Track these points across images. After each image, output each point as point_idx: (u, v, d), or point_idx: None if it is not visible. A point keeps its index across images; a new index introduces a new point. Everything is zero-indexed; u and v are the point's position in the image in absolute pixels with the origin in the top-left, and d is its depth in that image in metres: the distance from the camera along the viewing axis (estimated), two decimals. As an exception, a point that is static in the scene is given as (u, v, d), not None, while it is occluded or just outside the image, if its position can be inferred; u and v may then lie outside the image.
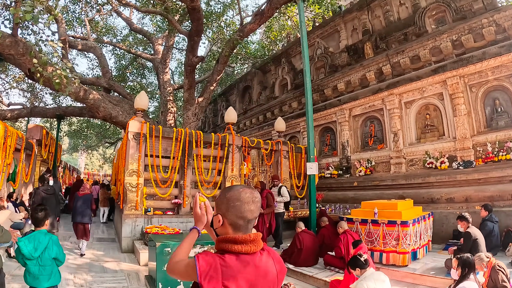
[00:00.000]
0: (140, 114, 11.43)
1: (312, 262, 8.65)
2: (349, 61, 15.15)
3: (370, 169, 13.61)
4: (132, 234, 10.43)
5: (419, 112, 12.66)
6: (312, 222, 10.55)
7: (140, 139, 10.98)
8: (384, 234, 8.13)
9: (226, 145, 12.59)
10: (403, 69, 12.86)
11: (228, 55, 15.97)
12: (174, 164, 11.63)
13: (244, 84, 22.82)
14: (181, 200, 11.55)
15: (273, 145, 14.15)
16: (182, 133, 11.81)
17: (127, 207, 10.55)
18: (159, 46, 20.53)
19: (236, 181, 12.63)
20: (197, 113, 16.31)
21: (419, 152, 12.16)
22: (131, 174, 10.72)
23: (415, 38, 12.57)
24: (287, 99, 18.06)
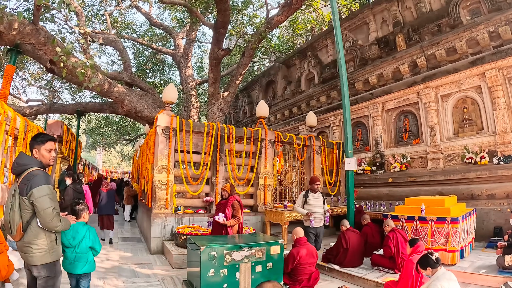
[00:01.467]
0: (169, 107, 10.45)
1: (358, 262, 7.90)
2: (380, 54, 14.19)
3: (406, 165, 12.72)
4: (161, 234, 9.50)
5: (456, 105, 11.84)
6: (350, 220, 9.58)
7: (169, 133, 10.00)
8: (432, 232, 7.60)
9: (258, 140, 11.70)
10: (439, 61, 12.08)
11: (254, 48, 15.04)
12: (205, 160, 10.67)
13: (267, 79, 21.78)
14: (213, 197, 10.58)
15: (305, 140, 13.15)
16: (213, 127, 10.84)
17: (156, 206, 9.60)
18: (180, 40, 19.57)
19: (269, 177, 11.72)
20: (223, 108, 15.34)
21: (457, 147, 11.40)
22: (160, 170, 9.74)
23: (449, 29, 11.78)
24: (315, 93, 17.12)
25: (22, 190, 3.39)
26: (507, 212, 9.11)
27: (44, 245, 3.53)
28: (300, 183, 13.17)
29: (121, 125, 29.82)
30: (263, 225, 11.10)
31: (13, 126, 8.81)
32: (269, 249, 5.90)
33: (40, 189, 3.39)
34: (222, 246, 5.54)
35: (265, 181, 11.63)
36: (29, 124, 9.98)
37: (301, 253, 6.39)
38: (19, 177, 3.49)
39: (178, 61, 18.60)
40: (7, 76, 11.18)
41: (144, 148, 12.81)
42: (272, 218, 10.45)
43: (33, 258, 3.49)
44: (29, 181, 3.39)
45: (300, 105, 18.04)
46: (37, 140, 3.68)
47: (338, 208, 11.75)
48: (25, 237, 3.45)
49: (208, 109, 15.50)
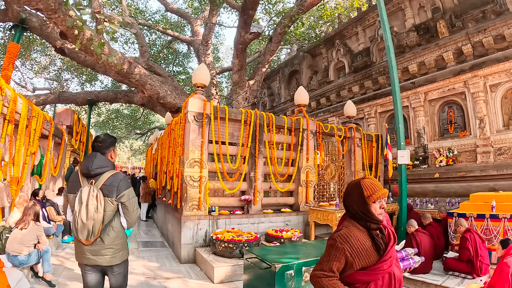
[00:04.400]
0: (201, 91, 8.30)
1: (429, 267, 6.65)
2: (419, 41, 12.47)
3: (452, 159, 11.07)
4: (193, 240, 7.45)
5: (505, 96, 10.48)
6: (403, 219, 8.41)
7: (202, 120, 7.90)
8: (505, 230, 6.65)
9: (300, 130, 9.71)
10: (486, 49, 10.67)
11: (284, 32, 12.93)
12: (243, 153, 8.59)
13: (290, 69, 19.50)
14: (251, 196, 8.49)
15: (346, 131, 11.18)
16: (251, 115, 8.75)
17: (188, 207, 7.51)
18: (198, 27, 17.36)
19: (311, 172, 9.74)
20: (248, 97, 13.40)
21: (509, 140, 10.02)
22: (192, 165, 7.65)
23: (495, 16, 10.46)
24: (346, 83, 15.16)
25: (109, 191, 3.28)
26: None
27: (123, 243, 3.51)
28: (340, 179, 11.14)
29: (132, 118, 27.39)
30: (306, 226, 9.12)
31: (12, 109, 6.51)
32: None
33: (131, 191, 3.42)
34: (299, 262, 4.22)
35: (307, 176, 9.64)
36: (34, 108, 7.77)
37: None
38: (96, 178, 3.31)
39: (197, 48, 16.38)
40: (9, 56, 9.05)
41: (165, 139, 10.70)
42: (318, 218, 8.51)
43: (115, 258, 3.41)
44: (117, 183, 3.34)
45: (329, 95, 16.08)
46: (112, 141, 3.62)
47: (389, 206, 9.81)
48: (106, 239, 3.31)
49: (232, 98, 13.40)
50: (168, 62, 21.31)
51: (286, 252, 4.86)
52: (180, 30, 20.66)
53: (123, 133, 31.16)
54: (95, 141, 3.51)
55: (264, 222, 8.44)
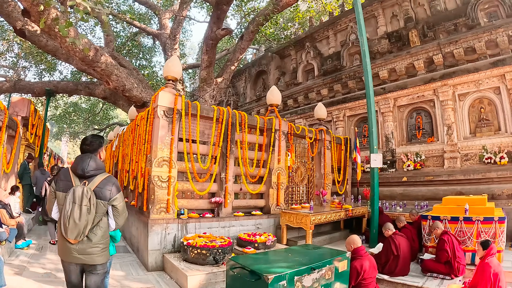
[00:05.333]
0: (172, 85, 7.54)
1: (407, 269, 6.56)
2: (390, 49, 12.63)
3: (420, 163, 11.26)
4: (162, 245, 6.66)
5: (472, 105, 10.85)
6: (375, 222, 8.32)
7: (173, 116, 7.14)
8: (479, 232, 6.81)
9: (272, 131, 9.16)
10: (457, 60, 11.03)
11: (256, 30, 12.44)
12: (214, 152, 7.91)
13: (257, 69, 18.91)
14: (222, 198, 7.84)
15: (316, 133, 10.76)
16: (224, 112, 8.10)
17: (155, 209, 6.71)
18: (167, 20, 16.32)
19: (282, 174, 9.25)
20: (215, 95, 12.68)
21: (475, 146, 10.41)
22: (160, 164, 6.86)
23: (466, 30, 10.96)
24: (315, 85, 14.87)
25: (101, 194, 3.30)
26: None
27: (107, 243, 3.51)
28: (310, 181, 10.74)
29: (91, 113, 25.76)
30: (277, 230, 8.60)
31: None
32: (338, 266, 4.48)
33: (121, 194, 3.48)
34: (292, 271, 3.80)
35: (279, 178, 9.14)
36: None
37: (364, 266, 4.90)
38: (89, 180, 3.32)
39: (164, 42, 15.37)
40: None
41: (127, 136, 9.82)
42: (291, 221, 8.05)
43: (101, 257, 3.39)
44: (110, 186, 3.38)
45: (296, 97, 15.74)
46: (101, 142, 3.59)
47: (358, 209, 9.63)
48: (93, 238, 3.30)
49: (199, 95, 12.67)
50: (133, 55, 20.13)
51: (273, 260, 4.40)
52: (147, 23, 19.59)
53: (80, 129, 29.43)
54: (84, 144, 3.51)
55: (235, 226, 7.82)
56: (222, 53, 21.09)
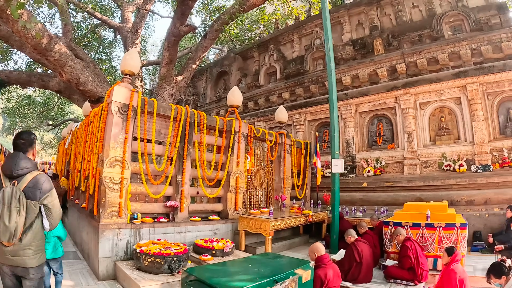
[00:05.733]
0: (128, 80, 6.99)
1: (370, 276, 6.44)
2: (354, 55, 12.88)
3: (380, 169, 11.45)
4: (113, 252, 6.05)
5: (433, 114, 11.21)
6: (336, 228, 8.35)
7: (128, 113, 6.58)
8: (440, 238, 6.81)
9: (231, 132, 8.77)
10: (420, 69, 11.45)
11: (220, 29, 12.09)
12: (170, 153, 7.42)
13: (219, 70, 18.57)
14: (178, 202, 7.34)
15: (277, 137, 10.46)
16: (182, 111, 7.60)
17: (106, 213, 6.12)
18: (129, 13, 15.55)
19: (241, 178, 8.86)
20: (175, 94, 12.17)
21: (435, 154, 10.78)
22: (112, 164, 6.28)
23: (430, 41, 11.43)
24: (276, 88, 14.72)
25: (31, 194, 3.11)
26: (485, 217, 9.12)
27: (41, 245, 3.30)
28: (269, 185, 10.41)
29: (45, 107, 24.19)
30: (235, 235, 8.21)
31: None
32: (301, 277, 4.15)
33: (53, 193, 3.29)
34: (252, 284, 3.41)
35: (237, 182, 8.76)
36: None
37: (328, 275, 4.71)
38: (18, 179, 3.12)
39: (125, 36, 14.59)
40: None
41: (80, 133, 9.17)
42: (250, 227, 7.74)
43: (33, 260, 3.19)
44: (40, 185, 3.17)
45: (257, 100, 15.49)
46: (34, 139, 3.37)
47: (318, 214, 9.46)
48: (24, 239, 3.11)
49: (157, 93, 12.10)
50: (92, 48, 19.08)
51: (233, 272, 4.02)
52: (109, 15, 18.58)
53: (34, 123, 27.66)
54: (18, 138, 3.33)
55: (191, 231, 7.33)
56: (184, 51, 20.44)
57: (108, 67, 19.80)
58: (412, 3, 12.69)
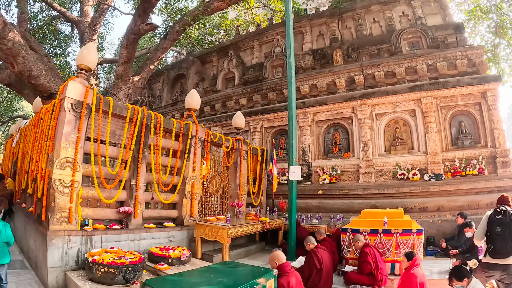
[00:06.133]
0: (84, 75, 6.57)
1: (331, 282, 6.49)
2: (313, 65, 13.19)
3: (336, 177, 11.59)
4: (63, 262, 5.54)
5: (388, 125, 11.63)
6: (293, 235, 8.29)
7: (82, 111, 6.16)
8: (397, 244, 7.03)
9: (188, 137, 8.52)
10: (377, 82, 11.88)
11: (182, 31, 11.82)
12: (125, 156, 7.00)
13: (177, 72, 18.02)
14: (132, 207, 6.92)
15: (233, 143, 10.31)
16: (139, 112, 7.24)
17: (55, 219, 5.62)
18: (89, 8, 14.81)
19: (197, 183, 8.60)
20: (130, 95, 11.71)
21: (389, 163, 11.15)
22: (63, 165, 5.82)
23: (388, 55, 12.02)
24: (234, 94, 14.53)
25: None
26: (438, 223, 9.49)
27: None
28: (224, 192, 10.21)
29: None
30: (191, 243, 7.92)
31: None
32: (265, 286, 4.08)
33: None
34: None
35: (193, 187, 8.47)
36: None
37: (291, 283, 4.61)
38: None
39: (82, 30, 13.85)
40: None
41: (29, 131, 8.48)
42: (206, 234, 7.52)
43: None
44: None
45: (214, 104, 15.21)
46: None
47: (275, 221, 9.40)
48: None
49: (113, 92, 11.56)
50: (47, 41, 18.07)
51: (195, 283, 3.82)
52: (68, 7, 17.72)
53: (-21, 119, 25.63)
54: None
55: (146, 239, 6.96)
56: (142, 51, 19.80)
57: (62, 62, 18.76)
58: (373, 18, 13.21)
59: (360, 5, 13.29)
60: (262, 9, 18.53)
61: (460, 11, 13.51)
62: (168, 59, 23.32)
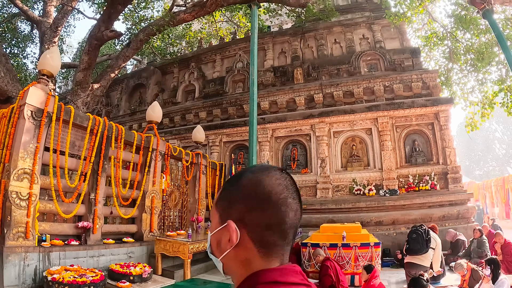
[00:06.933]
0: (46, 81, 6.28)
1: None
2: (274, 82, 13.46)
3: None
4: (20, 280, 5.21)
5: (345, 142, 12.03)
6: None
7: (42, 120, 5.90)
8: (356, 257, 7.27)
9: (149, 150, 8.36)
10: (335, 100, 12.30)
11: (146, 40, 11.64)
12: (84, 168, 6.74)
13: (136, 81, 17.58)
14: (91, 222, 6.65)
15: (193, 157, 10.18)
16: (100, 123, 7.06)
17: (12, 234, 5.29)
18: (52, 8, 13.99)
19: (157, 197, 8.44)
20: (89, 103, 11.30)
21: (346, 179, 11.49)
22: (20, 177, 5.52)
23: (347, 75, 12.50)
24: (194, 107, 14.38)
25: None
26: (393, 236, 9.92)
27: None
28: (183, 206, 10.02)
29: None
30: (150, 258, 7.69)
31: None
32: None
33: None
34: None
35: (153, 202, 8.30)
36: None
37: None
38: None
39: (43, 31, 13.02)
40: None
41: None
42: (167, 250, 7.36)
43: None
44: None
45: (173, 117, 14.94)
46: None
47: None
48: None
49: (71, 99, 11.11)
50: (4, 39, 16.98)
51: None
52: (30, 5, 16.64)
53: None
54: None
55: (105, 255, 6.68)
56: (103, 58, 19.12)
57: (19, 63, 17.77)
58: (334, 39, 13.70)
59: (322, 26, 13.77)
60: (226, 23, 18.60)
61: (417, 37, 14.31)
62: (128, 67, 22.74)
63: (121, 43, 16.33)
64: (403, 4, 12.41)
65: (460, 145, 44.71)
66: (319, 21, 13.72)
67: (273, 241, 0.88)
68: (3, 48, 15.64)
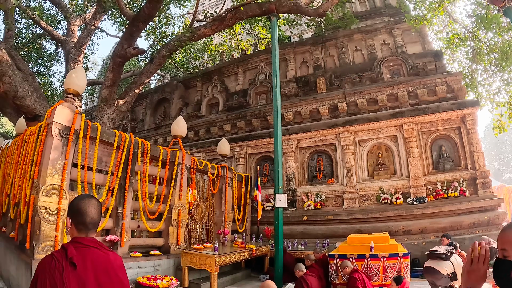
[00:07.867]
0: (72, 100, 6.47)
1: None
2: (297, 92, 13.47)
3: (320, 203, 11.58)
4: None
5: (371, 150, 11.86)
6: (280, 261, 8.45)
7: (69, 137, 6.06)
8: (385, 268, 7.12)
9: (175, 164, 8.43)
10: (360, 109, 12.18)
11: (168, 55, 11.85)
12: (111, 183, 6.87)
13: (160, 96, 17.95)
14: (118, 236, 6.79)
15: (219, 170, 10.24)
16: (126, 139, 7.18)
17: (40, 248, 5.42)
18: (76, 27, 14.74)
19: (183, 211, 8.44)
20: (115, 118, 11.59)
21: (373, 188, 11.29)
22: (49, 192, 5.66)
23: (370, 83, 12.37)
24: (218, 120, 14.52)
25: None
26: (422, 245, 9.52)
27: None
28: (210, 219, 10.07)
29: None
30: (177, 271, 7.74)
31: None
32: None
33: None
34: None
35: (179, 215, 8.31)
36: None
37: None
38: None
39: (68, 50, 13.72)
40: None
41: (12, 152, 8.22)
42: (193, 262, 7.39)
43: None
44: None
45: (198, 130, 15.11)
46: None
47: (261, 249, 9.40)
48: None
49: (97, 116, 11.42)
50: (31, 59, 17.80)
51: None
52: (54, 26, 17.55)
53: None
54: None
55: (132, 268, 6.74)
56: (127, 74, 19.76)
57: (46, 81, 18.47)
58: (355, 47, 13.64)
59: (342, 34, 13.73)
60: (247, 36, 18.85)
61: (439, 39, 14.18)
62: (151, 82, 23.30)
63: (144, 59, 16.80)
64: (422, 7, 12.31)
65: (488, 147, 43.49)
66: (339, 29, 13.72)
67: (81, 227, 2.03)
68: (30, 68, 16.33)
